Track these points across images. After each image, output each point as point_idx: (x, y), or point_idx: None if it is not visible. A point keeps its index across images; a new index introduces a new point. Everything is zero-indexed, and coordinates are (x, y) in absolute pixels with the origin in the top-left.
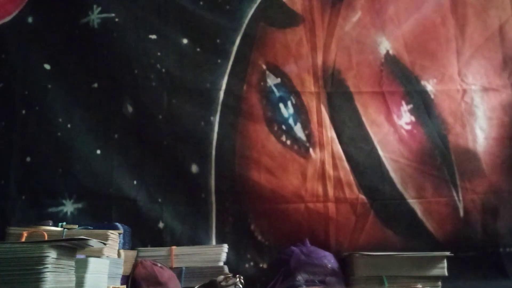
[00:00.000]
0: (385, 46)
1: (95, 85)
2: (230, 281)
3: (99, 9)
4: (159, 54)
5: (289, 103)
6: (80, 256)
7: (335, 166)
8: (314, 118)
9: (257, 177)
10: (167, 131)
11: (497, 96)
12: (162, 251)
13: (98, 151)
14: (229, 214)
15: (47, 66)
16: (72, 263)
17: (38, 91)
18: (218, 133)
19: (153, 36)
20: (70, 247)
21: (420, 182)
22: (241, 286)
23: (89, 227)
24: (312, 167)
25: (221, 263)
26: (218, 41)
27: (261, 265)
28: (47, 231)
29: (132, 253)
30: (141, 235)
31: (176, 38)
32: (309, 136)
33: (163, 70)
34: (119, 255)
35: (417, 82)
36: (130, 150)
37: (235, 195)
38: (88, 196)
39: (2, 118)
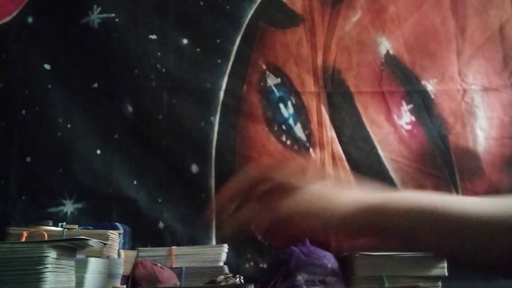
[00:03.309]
0: (385, 46)
1: (95, 85)
2: (230, 281)
3: (99, 9)
4: (159, 54)
5: (289, 103)
6: (80, 256)
7: (335, 166)
8: (314, 118)
9: None
10: (167, 131)
11: (498, 96)
12: (162, 251)
13: (98, 151)
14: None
15: (47, 66)
16: (72, 263)
17: (38, 91)
18: (218, 133)
19: (153, 36)
20: (70, 247)
21: (420, 182)
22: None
23: (89, 227)
24: (312, 167)
25: (221, 263)
26: (218, 41)
27: (261, 265)
28: (47, 231)
29: (132, 253)
30: (141, 235)
31: (176, 38)
32: (309, 136)
33: (163, 70)
34: (119, 255)
35: (417, 82)
36: (130, 150)
37: None
38: (88, 196)
39: (2, 118)
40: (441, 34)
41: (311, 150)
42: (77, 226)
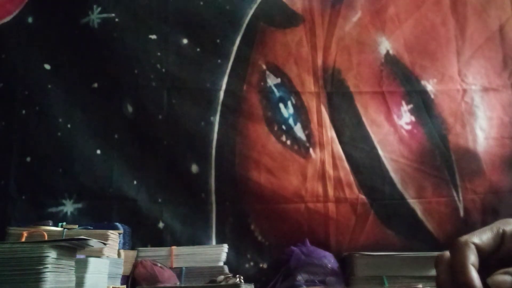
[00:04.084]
0: (385, 46)
1: (95, 85)
2: (230, 281)
3: (99, 9)
4: (159, 54)
5: (289, 103)
6: (80, 256)
7: (335, 166)
8: (314, 118)
9: (257, 177)
10: (167, 131)
11: (497, 96)
12: (162, 251)
13: (98, 151)
14: (229, 214)
15: (47, 66)
16: (72, 263)
17: (38, 91)
18: (218, 133)
19: (153, 36)
20: (70, 247)
21: (420, 182)
22: None
23: (89, 227)
24: (312, 167)
25: (221, 263)
26: (218, 41)
27: (261, 265)
28: (47, 231)
29: (132, 253)
30: (141, 235)
31: (176, 38)
32: (309, 136)
33: (163, 70)
34: (119, 255)
35: (417, 82)
36: (130, 150)
37: (235, 195)
38: (88, 196)
39: (2, 118)
40: (441, 34)
41: (311, 150)
42: (77, 226)
